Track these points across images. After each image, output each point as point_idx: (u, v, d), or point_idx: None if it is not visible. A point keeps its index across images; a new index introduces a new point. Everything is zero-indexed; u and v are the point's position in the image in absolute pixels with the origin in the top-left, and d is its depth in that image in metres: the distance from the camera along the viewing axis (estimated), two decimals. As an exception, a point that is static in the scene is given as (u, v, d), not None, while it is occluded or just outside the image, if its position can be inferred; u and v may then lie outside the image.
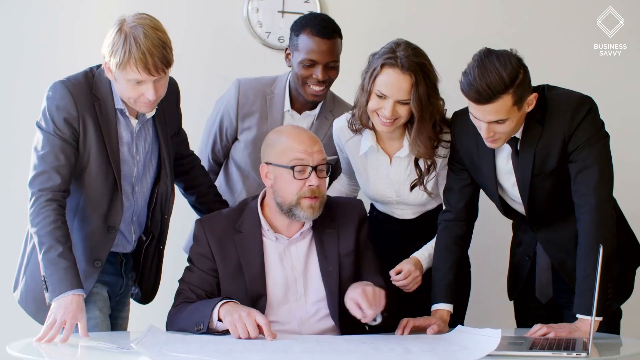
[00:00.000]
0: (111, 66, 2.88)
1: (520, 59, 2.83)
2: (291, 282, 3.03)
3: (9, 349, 2.66)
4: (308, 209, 2.97)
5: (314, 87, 3.40)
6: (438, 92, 3.15)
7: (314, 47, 3.36)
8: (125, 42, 2.83)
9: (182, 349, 2.64)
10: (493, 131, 2.85)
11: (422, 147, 3.15)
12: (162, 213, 3.20)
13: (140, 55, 2.82)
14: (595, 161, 2.89)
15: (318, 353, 2.64)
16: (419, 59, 3.09)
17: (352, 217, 3.09)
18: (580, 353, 2.55)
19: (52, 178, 2.92)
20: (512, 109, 2.80)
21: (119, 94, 2.98)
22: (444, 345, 2.74)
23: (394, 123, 3.12)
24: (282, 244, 3.05)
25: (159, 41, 2.84)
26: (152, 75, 2.86)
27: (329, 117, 3.53)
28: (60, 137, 2.94)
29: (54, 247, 2.85)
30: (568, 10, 4.30)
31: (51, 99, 2.97)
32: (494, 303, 3.74)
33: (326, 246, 3.04)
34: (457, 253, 3.14)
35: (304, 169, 2.96)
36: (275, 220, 3.05)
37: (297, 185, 2.97)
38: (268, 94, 3.53)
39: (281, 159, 2.98)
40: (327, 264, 3.02)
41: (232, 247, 3.02)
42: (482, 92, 2.75)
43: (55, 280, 2.83)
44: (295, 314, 3.02)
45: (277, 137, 3.05)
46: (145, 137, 3.10)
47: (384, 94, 3.08)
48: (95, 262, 3.06)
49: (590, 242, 2.85)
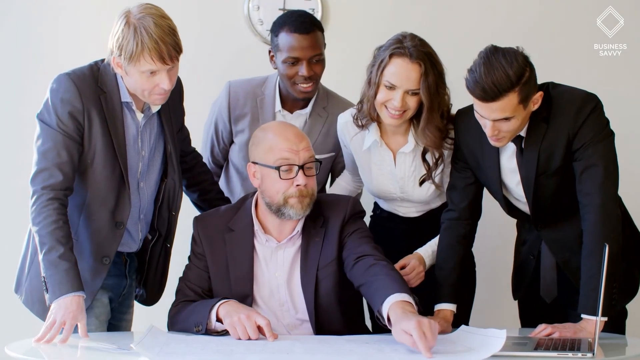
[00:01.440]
0: (121, 60, 2.86)
1: (526, 57, 2.81)
2: (274, 288, 2.99)
3: (8, 350, 2.64)
4: (297, 204, 2.91)
5: (302, 85, 3.39)
6: (445, 83, 3.14)
7: (294, 44, 3.35)
8: (135, 33, 2.81)
9: (182, 349, 2.63)
10: (498, 129, 2.83)
11: (430, 137, 3.13)
12: (170, 210, 3.17)
13: (154, 45, 2.80)
14: (600, 159, 2.87)
15: (320, 354, 2.61)
16: (427, 49, 3.09)
17: (339, 217, 3.00)
18: (585, 354, 2.54)
19: (53, 175, 2.88)
20: (517, 107, 2.78)
21: (132, 88, 2.95)
22: (447, 346, 2.70)
23: (403, 115, 3.11)
24: (269, 247, 3.00)
25: (169, 29, 2.84)
26: (167, 63, 2.85)
27: (322, 114, 3.52)
28: (64, 132, 2.90)
29: (54, 248, 2.82)
30: (568, 10, 4.30)
31: (55, 92, 2.93)
32: (497, 303, 3.74)
33: (310, 256, 2.97)
34: (460, 252, 3.12)
35: (290, 169, 2.90)
36: (266, 221, 3.01)
37: (284, 185, 2.91)
38: (258, 95, 3.52)
39: (266, 158, 2.93)
40: (307, 278, 2.96)
41: (222, 246, 3.00)
42: (488, 89, 2.73)
43: (56, 281, 2.80)
44: (282, 321, 2.99)
45: (262, 135, 2.99)
46: (150, 132, 3.08)
47: (393, 84, 3.06)
48: (104, 259, 3.03)
49: (595, 241, 2.83)
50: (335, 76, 3.71)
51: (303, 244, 2.98)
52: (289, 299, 2.98)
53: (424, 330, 2.49)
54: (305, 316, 2.97)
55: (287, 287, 2.98)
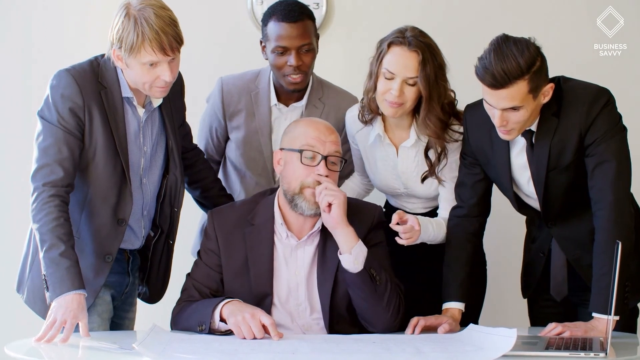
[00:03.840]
0: (122, 53, 2.83)
1: (538, 47, 2.78)
2: (293, 287, 2.95)
3: (7, 350, 2.62)
4: (311, 198, 2.88)
5: (291, 76, 3.35)
6: (446, 76, 3.12)
7: (282, 32, 3.32)
8: (136, 25, 2.79)
9: (185, 349, 2.59)
10: (506, 120, 2.80)
11: (431, 127, 3.10)
12: (172, 206, 3.13)
13: (155, 36, 2.78)
14: (612, 155, 2.83)
15: (327, 353, 2.58)
16: (426, 40, 3.08)
17: (365, 223, 2.98)
18: (598, 353, 2.51)
19: (54, 172, 2.85)
20: (527, 97, 2.75)
21: (132, 82, 2.92)
22: (456, 345, 2.68)
23: (402, 107, 3.08)
24: (290, 244, 2.96)
25: (169, 19, 2.83)
26: (168, 55, 2.83)
27: (318, 105, 3.48)
28: (65, 128, 2.87)
29: (55, 246, 2.78)
30: (568, 10, 4.28)
31: (55, 88, 2.90)
32: (506, 301, 3.71)
33: (328, 257, 2.93)
34: (469, 250, 3.09)
35: (314, 156, 2.89)
36: (288, 215, 2.96)
37: (304, 172, 2.89)
38: (252, 89, 3.48)
39: (293, 143, 2.93)
40: (324, 277, 2.93)
41: (240, 242, 2.94)
42: (498, 76, 2.71)
43: (57, 279, 2.76)
44: (297, 321, 2.94)
45: (294, 125, 3.02)
46: (151, 127, 3.04)
47: (391, 72, 3.05)
48: (106, 257, 2.99)
49: (607, 239, 2.79)
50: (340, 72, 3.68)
51: (321, 241, 2.95)
52: (306, 298, 2.94)
53: None
54: (320, 316, 2.92)
55: (305, 287, 2.94)
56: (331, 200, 2.84)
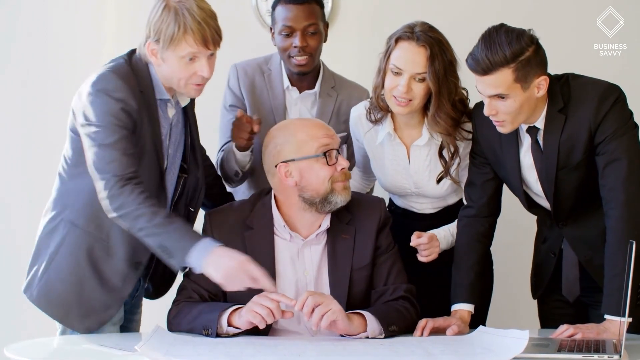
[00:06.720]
0: (157, 47, 2.76)
1: (533, 38, 2.76)
2: (302, 288, 2.89)
3: (7, 352, 2.59)
4: (343, 190, 2.88)
5: (296, 57, 3.36)
6: (456, 73, 3.09)
7: (288, 14, 3.36)
8: (177, 15, 2.72)
9: (189, 351, 2.55)
10: (495, 109, 2.78)
11: (441, 123, 3.07)
12: (188, 206, 3.03)
13: (197, 26, 2.72)
14: (624, 153, 2.79)
15: (334, 356, 2.54)
16: (436, 35, 3.05)
17: (372, 219, 2.95)
18: (612, 355, 2.48)
19: (123, 163, 2.72)
20: (513, 86, 2.73)
21: (166, 78, 2.83)
22: (466, 347, 2.64)
23: (409, 104, 3.04)
24: (295, 244, 2.91)
25: (211, 12, 2.78)
26: (209, 48, 2.77)
27: (331, 93, 3.50)
28: (124, 127, 2.73)
29: (156, 214, 2.68)
30: (568, 10, 4.28)
31: (104, 92, 2.74)
32: (516, 302, 3.69)
33: (339, 256, 2.90)
34: (478, 251, 3.05)
35: (333, 154, 2.89)
36: (294, 217, 2.92)
37: (329, 172, 2.88)
38: (265, 71, 3.51)
39: (304, 150, 2.88)
40: (338, 277, 2.88)
41: (239, 245, 2.87)
42: (481, 61, 2.72)
43: (176, 238, 2.67)
44: (306, 324, 2.86)
45: (284, 133, 2.93)
46: (178, 128, 2.96)
47: (399, 68, 3.01)
48: (137, 265, 2.91)
49: (619, 239, 2.76)
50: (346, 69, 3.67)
51: (329, 240, 2.91)
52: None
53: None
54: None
55: (315, 287, 2.89)
56: (334, 318, 2.73)
